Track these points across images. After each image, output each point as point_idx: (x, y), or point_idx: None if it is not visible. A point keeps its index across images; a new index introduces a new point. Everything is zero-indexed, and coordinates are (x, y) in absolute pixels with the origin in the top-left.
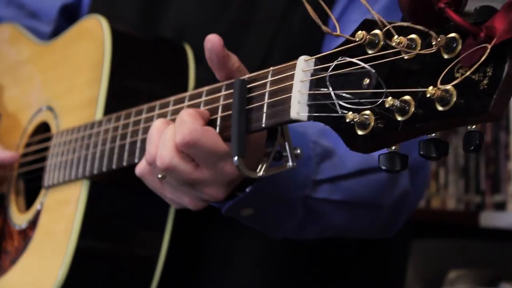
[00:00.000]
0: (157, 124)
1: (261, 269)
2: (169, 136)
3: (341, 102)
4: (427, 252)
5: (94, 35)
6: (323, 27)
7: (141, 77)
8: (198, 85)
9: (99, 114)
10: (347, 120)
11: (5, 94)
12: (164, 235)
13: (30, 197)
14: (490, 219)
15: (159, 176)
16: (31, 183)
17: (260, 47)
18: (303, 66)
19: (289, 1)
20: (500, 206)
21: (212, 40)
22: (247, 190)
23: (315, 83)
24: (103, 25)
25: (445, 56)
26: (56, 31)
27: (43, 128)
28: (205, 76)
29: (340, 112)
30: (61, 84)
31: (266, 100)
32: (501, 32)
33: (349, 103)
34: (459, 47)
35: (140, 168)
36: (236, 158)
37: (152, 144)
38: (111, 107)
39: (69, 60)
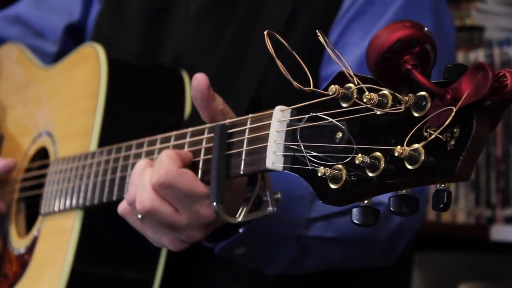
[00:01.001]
0: (139, 165)
1: None
2: (147, 178)
3: (311, 157)
4: (437, 265)
5: (91, 63)
6: (294, 83)
7: (137, 105)
8: (195, 112)
9: (93, 144)
10: (319, 174)
11: (8, 115)
12: (158, 265)
13: (31, 222)
14: (501, 232)
15: (139, 216)
16: (32, 208)
17: (256, 72)
18: (279, 116)
19: (285, 27)
20: (511, 220)
21: (199, 79)
22: (240, 231)
23: (291, 134)
24: (99, 53)
25: (415, 114)
26: (62, 51)
27: (43, 153)
28: None
29: (310, 166)
30: (60, 110)
31: (244, 147)
32: (466, 95)
33: (321, 158)
34: (429, 105)
35: (122, 208)
36: (214, 203)
37: (133, 184)
38: (106, 137)
39: (67, 87)
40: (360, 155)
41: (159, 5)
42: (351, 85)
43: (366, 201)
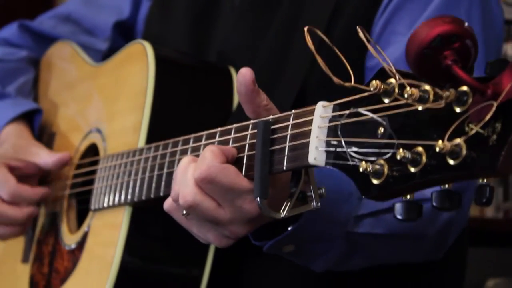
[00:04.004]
0: (183, 162)
1: None
2: (190, 174)
3: (353, 152)
4: None
5: (139, 61)
6: (335, 79)
7: (184, 102)
8: (240, 107)
9: (142, 141)
10: (361, 170)
11: (60, 113)
12: (206, 261)
13: (82, 217)
14: None
15: (184, 212)
16: (82, 204)
17: (301, 67)
18: (321, 112)
19: (329, 19)
20: None
21: (244, 74)
22: (289, 229)
23: (333, 130)
24: (148, 51)
25: (457, 110)
26: (112, 48)
27: (93, 150)
28: None
29: (350, 161)
30: (109, 107)
31: (287, 143)
32: (507, 90)
33: (363, 153)
34: (470, 100)
35: (167, 204)
36: (258, 199)
37: (176, 182)
38: (154, 133)
39: (116, 84)
40: (401, 150)
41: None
42: (392, 80)
43: (408, 196)
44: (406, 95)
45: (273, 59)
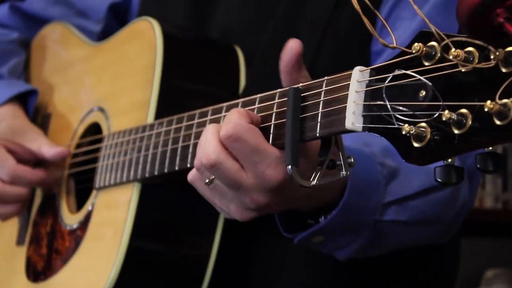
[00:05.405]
0: (207, 128)
1: (312, 271)
2: (214, 135)
3: (396, 114)
4: (464, 251)
5: (146, 37)
6: (380, 40)
7: (192, 79)
8: (247, 86)
9: (150, 117)
10: (403, 133)
11: (55, 94)
12: (214, 237)
13: (80, 198)
14: None
15: (207, 181)
16: (82, 184)
17: (308, 48)
18: (358, 76)
19: (336, 2)
20: None
21: (292, 45)
22: (322, 221)
23: (370, 94)
24: (155, 27)
25: (503, 70)
26: (105, 30)
27: (94, 129)
28: (254, 77)
29: (396, 124)
30: (113, 85)
31: (320, 110)
32: None
33: (405, 115)
34: None
35: (191, 175)
36: (289, 167)
37: (200, 147)
38: (162, 110)
39: (121, 62)
40: (447, 111)
41: None
42: (434, 43)
43: (449, 160)
44: (451, 56)
45: (280, 39)
